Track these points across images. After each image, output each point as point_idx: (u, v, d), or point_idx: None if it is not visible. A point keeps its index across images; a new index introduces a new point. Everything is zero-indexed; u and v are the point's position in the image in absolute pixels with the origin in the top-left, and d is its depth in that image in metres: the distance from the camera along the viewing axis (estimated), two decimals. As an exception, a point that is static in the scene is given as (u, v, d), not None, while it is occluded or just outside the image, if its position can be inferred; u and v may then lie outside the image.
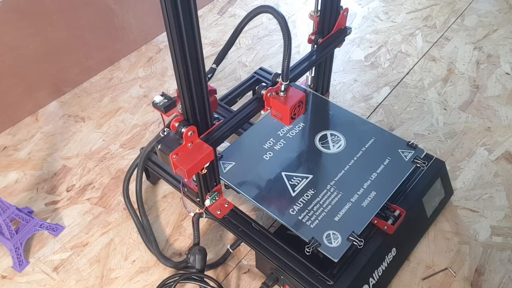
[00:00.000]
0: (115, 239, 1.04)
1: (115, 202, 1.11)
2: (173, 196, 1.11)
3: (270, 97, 0.85)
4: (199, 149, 0.78)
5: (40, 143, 1.25)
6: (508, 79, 1.37)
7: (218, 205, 0.93)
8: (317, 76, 1.13)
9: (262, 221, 1.05)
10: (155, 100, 0.78)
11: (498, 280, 0.94)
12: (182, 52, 0.68)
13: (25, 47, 1.24)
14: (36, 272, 0.99)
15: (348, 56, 1.47)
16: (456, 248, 0.99)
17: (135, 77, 1.44)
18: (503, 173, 1.12)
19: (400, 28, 1.57)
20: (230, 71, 1.44)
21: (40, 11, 1.23)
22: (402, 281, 0.94)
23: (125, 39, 1.48)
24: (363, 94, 1.35)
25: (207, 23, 1.62)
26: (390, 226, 0.87)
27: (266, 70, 1.22)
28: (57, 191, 1.14)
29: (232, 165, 0.97)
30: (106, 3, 1.37)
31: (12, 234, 0.97)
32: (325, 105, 1.10)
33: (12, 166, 1.20)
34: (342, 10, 1.00)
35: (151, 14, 1.50)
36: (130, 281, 0.97)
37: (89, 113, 1.33)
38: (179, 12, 0.63)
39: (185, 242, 1.03)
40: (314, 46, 1.03)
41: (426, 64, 1.43)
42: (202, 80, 0.74)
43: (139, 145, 1.23)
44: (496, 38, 1.51)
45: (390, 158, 0.95)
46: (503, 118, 1.26)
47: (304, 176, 0.94)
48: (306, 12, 1.59)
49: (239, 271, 0.98)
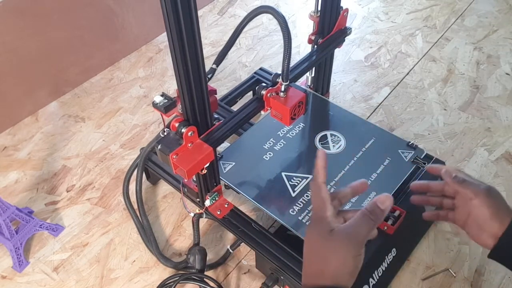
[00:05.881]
0: (115, 239, 1.04)
1: (115, 202, 1.11)
2: (173, 196, 1.11)
3: (270, 97, 0.85)
4: (199, 150, 0.78)
5: (40, 143, 1.25)
6: (508, 80, 1.37)
7: (218, 205, 0.93)
8: (317, 77, 1.13)
9: (262, 221, 1.05)
10: (155, 100, 0.78)
11: (498, 281, 0.94)
12: (182, 52, 0.68)
13: (25, 47, 1.24)
14: (36, 272, 0.99)
15: (348, 57, 1.47)
16: (456, 249, 0.99)
17: (135, 77, 1.44)
18: (503, 174, 1.12)
19: (400, 29, 1.57)
20: (230, 71, 1.44)
21: (40, 11, 1.23)
22: (402, 281, 0.94)
23: (125, 39, 1.48)
24: (363, 94, 1.35)
25: (207, 23, 1.62)
26: (390, 226, 0.87)
27: (266, 71, 1.22)
28: (57, 191, 1.14)
29: (232, 165, 0.97)
30: (106, 3, 1.37)
31: (12, 234, 0.97)
32: (325, 106, 1.10)
33: (12, 166, 1.20)
34: (342, 11, 1.00)
35: (151, 14, 1.50)
36: (130, 281, 0.97)
37: (89, 113, 1.33)
38: (179, 12, 0.63)
39: (185, 242, 1.03)
40: (314, 46, 1.02)
41: (426, 65, 1.43)
42: (202, 80, 0.73)
43: (139, 145, 1.23)
44: (496, 38, 1.51)
45: (390, 158, 0.95)
46: (503, 119, 1.26)
47: (304, 177, 0.94)
48: (306, 12, 1.58)
49: (239, 272, 0.98)
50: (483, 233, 0.56)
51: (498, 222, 0.54)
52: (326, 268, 0.46)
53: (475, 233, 0.58)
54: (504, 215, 0.54)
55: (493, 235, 0.55)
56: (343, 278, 0.46)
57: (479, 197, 0.56)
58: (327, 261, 0.46)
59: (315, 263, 0.48)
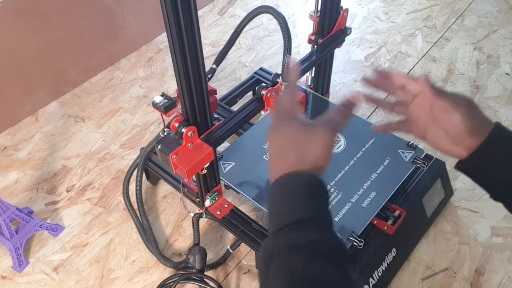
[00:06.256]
0: (115, 239, 1.04)
1: (115, 202, 1.11)
2: (173, 196, 1.11)
3: (270, 97, 0.85)
4: (199, 150, 0.78)
5: (40, 143, 1.25)
6: (508, 80, 1.37)
7: (218, 205, 0.93)
8: (317, 77, 1.13)
9: (262, 221, 1.05)
10: (155, 100, 0.78)
11: (498, 281, 0.94)
12: (182, 52, 0.68)
13: (25, 47, 1.24)
14: (36, 272, 0.99)
15: (348, 57, 1.47)
16: (456, 249, 0.99)
17: (135, 77, 1.44)
18: (503, 174, 1.12)
19: (400, 29, 1.57)
20: (230, 71, 1.44)
21: (40, 11, 1.23)
22: (402, 281, 0.94)
23: (125, 39, 1.48)
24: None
25: (207, 23, 1.62)
26: (390, 226, 0.87)
27: (266, 71, 1.22)
28: (57, 191, 1.14)
29: (232, 165, 0.97)
30: (106, 3, 1.37)
31: (12, 234, 0.97)
32: (325, 105, 1.10)
33: (12, 166, 1.20)
34: (342, 11, 1.00)
35: (151, 14, 1.50)
36: (130, 281, 0.97)
37: (89, 113, 1.33)
38: (179, 12, 0.63)
39: (185, 242, 1.03)
40: (314, 46, 1.02)
41: (426, 65, 1.43)
42: (202, 80, 0.74)
43: (139, 145, 1.23)
44: (496, 38, 1.51)
45: (390, 158, 0.95)
46: (503, 119, 1.26)
47: (304, 177, 0.94)
48: (306, 12, 1.58)
49: (239, 272, 0.98)
50: (456, 145, 0.54)
51: (476, 135, 0.52)
52: (308, 155, 0.50)
53: (444, 144, 0.55)
54: (482, 128, 0.52)
55: (468, 147, 0.53)
56: (320, 165, 0.50)
57: (459, 111, 0.53)
58: (304, 148, 0.50)
59: (294, 153, 0.51)
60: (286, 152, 0.51)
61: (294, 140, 0.51)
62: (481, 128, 0.52)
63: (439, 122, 0.55)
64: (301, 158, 0.50)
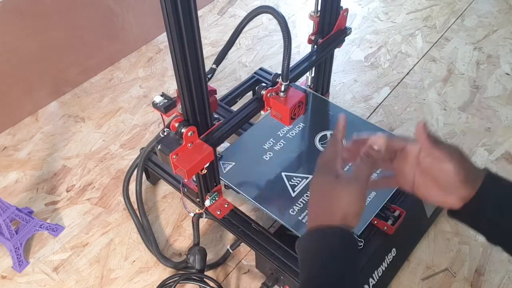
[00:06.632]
0: (115, 239, 1.04)
1: (115, 202, 1.11)
2: (173, 196, 1.11)
3: (270, 97, 0.85)
4: (199, 150, 0.78)
5: (40, 143, 1.25)
6: (508, 80, 1.37)
7: (218, 205, 0.92)
8: (317, 77, 1.13)
9: (262, 222, 1.05)
10: (155, 101, 0.78)
11: (498, 281, 0.94)
12: (182, 52, 0.68)
13: (25, 47, 1.24)
14: (36, 272, 0.99)
15: (348, 57, 1.47)
16: (456, 249, 0.99)
17: (135, 77, 1.44)
18: (503, 174, 1.10)
19: (400, 29, 1.57)
20: (230, 71, 1.44)
21: (40, 11, 1.23)
22: (402, 281, 0.94)
23: (125, 39, 1.48)
24: (363, 94, 1.35)
25: (207, 23, 1.62)
26: (390, 226, 0.87)
27: (266, 71, 1.22)
28: (57, 191, 1.14)
29: (232, 165, 0.97)
30: (106, 3, 1.37)
31: (12, 234, 0.97)
32: (325, 106, 1.10)
33: (12, 166, 1.20)
34: (342, 11, 1.00)
35: (151, 14, 1.50)
36: (130, 282, 0.97)
37: (89, 113, 1.33)
38: (179, 12, 0.63)
39: (185, 242, 1.03)
40: (314, 46, 1.02)
41: (426, 65, 1.43)
42: (202, 80, 0.74)
43: (139, 145, 1.23)
44: (496, 38, 1.51)
45: (390, 158, 0.95)
46: (503, 119, 1.26)
47: (304, 177, 0.94)
48: (306, 12, 1.58)
49: (239, 272, 0.98)
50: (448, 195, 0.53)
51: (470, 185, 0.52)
52: (335, 209, 0.52)
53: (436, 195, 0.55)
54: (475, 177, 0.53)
55: (462, 197, 0.53)
56: (350, 218, 0.52)
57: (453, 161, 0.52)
58: (335, 203, 0.52)
59: (324, 205, 0.54)
60: (316, 203, 0.56)
61: (324, 192, 0.55)
62: (473, 176, 0.53)
63: (429, 172, 0.55)
64: (329, 211, 0.53)
